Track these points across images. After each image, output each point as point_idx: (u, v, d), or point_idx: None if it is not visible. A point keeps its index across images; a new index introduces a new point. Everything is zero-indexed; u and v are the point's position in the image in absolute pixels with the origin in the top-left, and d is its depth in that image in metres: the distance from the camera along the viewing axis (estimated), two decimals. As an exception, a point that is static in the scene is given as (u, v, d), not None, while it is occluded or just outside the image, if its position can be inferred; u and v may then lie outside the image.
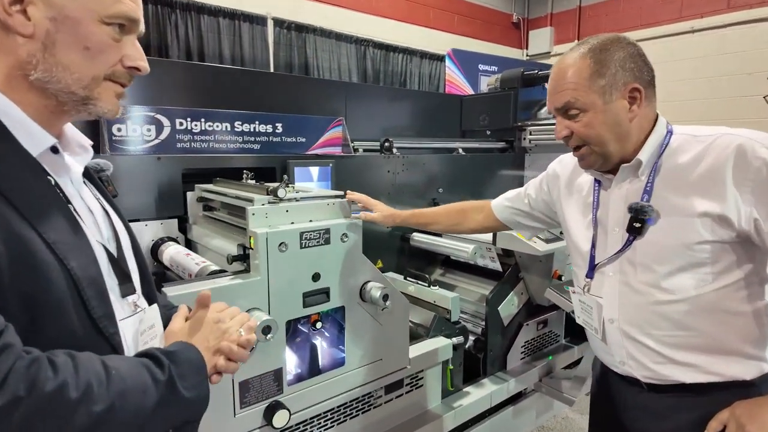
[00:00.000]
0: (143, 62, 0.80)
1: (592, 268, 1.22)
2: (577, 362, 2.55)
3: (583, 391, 2.30)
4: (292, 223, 1.43)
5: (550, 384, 2.36)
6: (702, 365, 1.08)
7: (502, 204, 1.56)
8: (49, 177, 0.74)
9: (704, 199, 1.02)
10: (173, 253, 1.66)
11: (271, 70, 5.00)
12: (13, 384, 0.57)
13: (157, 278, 1.80)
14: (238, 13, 4.81)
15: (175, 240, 1.85)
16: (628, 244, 1.13)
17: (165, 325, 0.92)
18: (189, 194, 1.92)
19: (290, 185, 1.58)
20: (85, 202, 0.81)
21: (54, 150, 0.76)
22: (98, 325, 0.72)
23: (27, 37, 0.70)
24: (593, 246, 1.22)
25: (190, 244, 1.92)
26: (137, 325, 0.82)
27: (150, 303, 0.90)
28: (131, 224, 1.86)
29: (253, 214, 1.36)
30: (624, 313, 1.16)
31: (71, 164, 0.81)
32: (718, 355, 1.08)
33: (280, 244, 1.36)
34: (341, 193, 1.61)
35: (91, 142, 0.87)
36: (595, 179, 1.23)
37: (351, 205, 1.62)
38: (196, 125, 2.08)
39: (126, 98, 0.83)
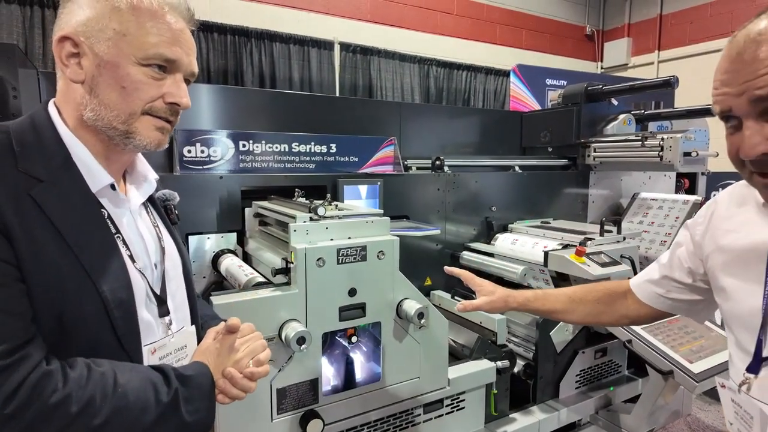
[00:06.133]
0: (183, 99, 0.89)
1: (759, 361, 0.84)
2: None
3: (645, 428, 2.12)
4: (332, 239, 1.50)
5: (608, 417, 2.21)
6: None
7: (646, 289, 1.20)
8: (103, 210, 0.86)
9: None
10: (228, 264, 1.81)
11: (337, 92, 5.25)
12: (23, 394, 0.68)
13: (215, 286, 1.97)
14: (307, 39, 5.13)
15: (233, 252, 2.01)
16: None
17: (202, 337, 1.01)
18: (247, 210, 2.07)
19: (332, 203, 1.66)
20: (139, 230, 0.93)
21: (112, 186, 0.88)
22: (121, 341, 0.83)
23: (79, 83, 0.84)
24: (763, 326, 0.83)
25: (246, 256, 2.06)
26: (161, 349, 0.91)
27: (193, 322, 1.01)
28: (196, 236, 2.05)
29: (295, 231, 1.45)
30: None
31: (132, 196, 0.94)
32: None
33: (318, 259, 1.43)
34: (380, 211, 1.66)
35: (156, 176, 0.99)
36: None
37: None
38: (257, 147, 2.25)
39: (169, 132, 0.93)
